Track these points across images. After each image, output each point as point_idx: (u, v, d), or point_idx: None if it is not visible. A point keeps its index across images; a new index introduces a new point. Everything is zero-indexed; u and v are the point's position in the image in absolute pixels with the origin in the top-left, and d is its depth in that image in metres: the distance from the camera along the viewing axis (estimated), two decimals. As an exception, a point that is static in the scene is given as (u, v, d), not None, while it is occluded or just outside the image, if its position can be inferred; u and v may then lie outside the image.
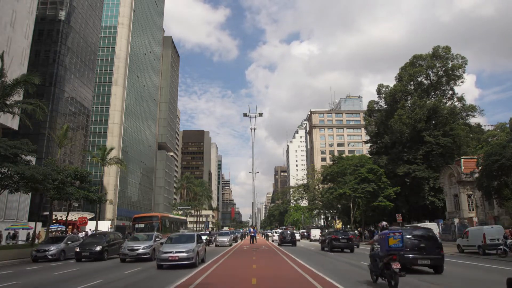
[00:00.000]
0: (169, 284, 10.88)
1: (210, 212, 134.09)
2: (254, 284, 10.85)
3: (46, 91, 59.46)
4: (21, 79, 26.63)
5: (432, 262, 13.18)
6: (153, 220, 32.42)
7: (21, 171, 21.10)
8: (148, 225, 31.36)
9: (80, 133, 70.67)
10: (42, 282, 12.44)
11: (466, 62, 51.15)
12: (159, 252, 15.79)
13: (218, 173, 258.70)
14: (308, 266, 15.43)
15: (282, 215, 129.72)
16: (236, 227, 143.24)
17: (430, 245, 13.30)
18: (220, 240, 36.05)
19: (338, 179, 55.58)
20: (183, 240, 16.74)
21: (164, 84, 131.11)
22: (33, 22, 53.61)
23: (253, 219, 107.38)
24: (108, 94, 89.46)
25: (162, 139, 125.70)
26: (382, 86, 58.69)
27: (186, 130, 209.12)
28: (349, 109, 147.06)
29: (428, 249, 13.20)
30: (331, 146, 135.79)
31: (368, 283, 10.91)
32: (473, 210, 41.49)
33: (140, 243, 19.84)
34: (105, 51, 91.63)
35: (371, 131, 61.90)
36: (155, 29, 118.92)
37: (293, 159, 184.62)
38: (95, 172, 70.00)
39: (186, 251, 15.37)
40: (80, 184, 32.42)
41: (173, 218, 43.94)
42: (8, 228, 38.61)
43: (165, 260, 15.24)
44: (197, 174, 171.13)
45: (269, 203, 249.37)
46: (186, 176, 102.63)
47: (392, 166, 51.64)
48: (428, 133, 50.01)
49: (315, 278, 11.69)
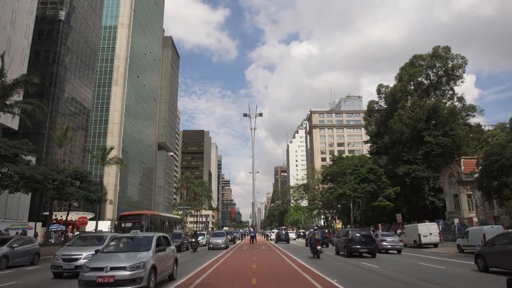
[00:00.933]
0: None
1: (210, 212, 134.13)
2: (254, 284, 10.84)
3: (46, 91, 59.46)
4: (21, 79, 26.65)
5: (369, 250, 21.13)
6: (141, 219, 28.94)
7: (21, 171, 21.11)
8: (136, 224, 28.03)
9: (80, 133, 70.66)
10: (42, 282, 12.45)
11: (466, 62, 51.19)
12: (83, 269, 9.23)
13: (218, 173, 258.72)
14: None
15: (282, 215, 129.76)
16: (236, 227, 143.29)
17: (368, 240, 21.38)
18: (214, 242, 31.06)
19: (338, 179, 55.69)
20: (131, 247, 10.65)
21: (164, 84, 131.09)
22: (33, 22, 53.61)
23: (253, 219, 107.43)
24: (108, 94, 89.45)
25: (162, 139, 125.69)
26: (382, 86, 58.73)
27: (186, 130, 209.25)
28: (349, 109, 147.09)
29: (366, 243, 21.15)
30: (331, 146, 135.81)
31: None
32: (473, 210, 41.49)
33: (82, 250, 13.89)
34: (105, 51, 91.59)
35: (371, 131, 61.93)
36: (155, 29, 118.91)
37: (293, 159, 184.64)
38: (95, 172, 69.99)
39: (131, 267, 9.07)
40: (80, 184, 32.40)
41: (166, 216, 39.65)
42: (8, 228, 38.58)
43: (90, 283, 8.85)
44: (197, 174, 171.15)
45: (269, 203, 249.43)
46: (186, 176, 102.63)
47: (392, 166, 51.65)
48: (428, 133, 50.02)
49: (315, 278, 11.69)
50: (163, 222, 34.17)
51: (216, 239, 32.04)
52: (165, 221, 35.23)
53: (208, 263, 17.19)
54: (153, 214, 32.46)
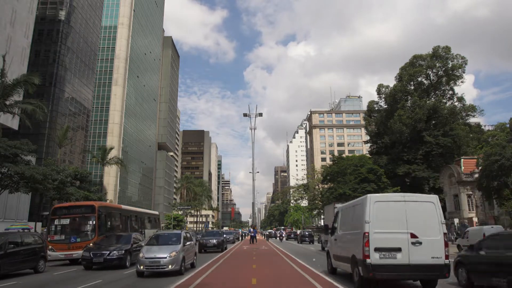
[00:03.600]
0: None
1: (210, 212, 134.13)
2: (254, 284, 10.84)
3: (46, 91, 59.42)
4: (21, 79, 26.69)
5: (308, 240, 41.39)
6: (84, 213, 19.84)
7: (21, 171, 21.14)
8: (77, 219, 19.82)
9: (80, 133, 70.66)
10: (42, 282, 12.44)
11: (466, 62, 51.23)
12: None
13: (218, 173, 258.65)
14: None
15: (282, 215, 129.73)
16: (236, 227, 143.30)
17: (309, 236, 42.44)
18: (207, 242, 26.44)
19: (338, 179, 55.60)
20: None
21: (164, 84, 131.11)
22: (33, 21, 53.61)
23: (253, 219, 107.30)
24: (108, 94, 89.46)
25: (162, 139, 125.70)
26: (382, 86, 58.71)
27: (186, 130, 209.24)
28: (349, 109, 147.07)
29: (307, 237, 41.79)
30: (331, 146, 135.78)
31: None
32: (473, 210, 41.50)
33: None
34: (105, 51, 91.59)
35: (371, 131, 61.93)
36: (155, 29, 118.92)
37: (293, 159, 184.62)
38: (95, 172, 69.98)
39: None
40: (80, 184, 32.46)
41: (129, 210, 27.45)
42: (8, 228, 38.58)
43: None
44: (197, 174, 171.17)
45: (269, 203, 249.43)
46: (186, 176, 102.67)
47: (392, 166, 51.64)
48: (428, 133, 50.00)
49: (315, 278, 11.69)
50: (125, 217, 24.79)
51: (209, 239, 27.01)
52: (130, 216, 25.81)
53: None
54: (104, 206, 22.39)
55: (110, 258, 15.24)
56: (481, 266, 9.42)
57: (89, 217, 19.50)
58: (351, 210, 11.34)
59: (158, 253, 12.90)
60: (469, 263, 10.00)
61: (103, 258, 15.15)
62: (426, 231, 9.32)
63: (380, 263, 9.11)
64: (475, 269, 9.65)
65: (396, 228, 9.30)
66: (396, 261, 9.13)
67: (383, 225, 9.36)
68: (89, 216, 19.52)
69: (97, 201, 26.76)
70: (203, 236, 30.94)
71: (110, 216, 21.98)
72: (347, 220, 11.68)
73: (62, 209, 20.20)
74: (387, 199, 10.08)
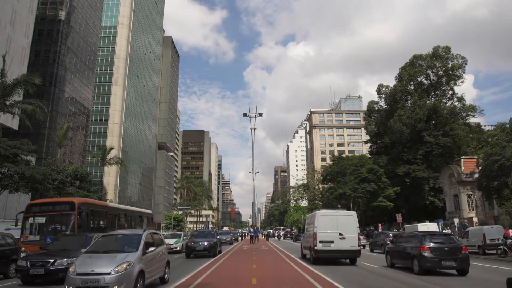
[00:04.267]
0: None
1: (210, 212, 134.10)
2: (254, 284, 10.84)
3: (46, 91, 59.40)
4: (21, 79, 26.69)
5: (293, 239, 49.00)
6: (62, 210, 17.38)
7: (21, 171, 21.14)
8: (55, 217, 17.42)
9: (80, 133, 70.65)
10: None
11: (466, 62, 51.24)
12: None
13: (218, 173, 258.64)
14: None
15: (282, 215, 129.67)
16: (236, 227, 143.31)
17: (297, 234, 49.04)
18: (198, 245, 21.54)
19: (338, 179, 55.63)
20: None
21: (164, 84, 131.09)
22: (33, 21, 53.59)
23: (253, 219, 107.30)
24: (108, 94, 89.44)
25: (162, 139, 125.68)
26: (382, 86, 58.71)
27: (186, 130, 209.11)
28: (349, 109, 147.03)
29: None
30: (331, 146, 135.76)
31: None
32: (473, 210, 41.50)
33: None
34: (105, 51, 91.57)
35: (371, 131, 61.95)
36: (155, 29, 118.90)
37: (293, 159, 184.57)
38: (95, 172, 70.00)
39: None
40: (80, 184, 32.46)
41: (115, 208, 25.18)
42: (8, 228, 38.57)
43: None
44: (197, 174, 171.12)
45: (269, 203, 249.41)
46: (186, 176, 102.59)
47: (392, 166, 51.65)
48: (428, 133, 50.01)
49: (316, 279, 11.70)
50: (112, 216, 22.29)
51: (199, 240, 22.24)
52: (117, 214, 23.31)
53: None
54: (86, 202, 19.48)
55: (54, 269, 10.93)
56: (394, 254, 15.67)
57: (68, 215, 17.08)
58: (309, 219, 19.11)
59: (97, 267, 8.35)
60: (391, 251, 16.16)
61: (43, 269, 10.93)
62: (348, 231, 16.20)
63: (322, 249, 16.16)
64: (392, 256, 15.86)
65: (331, 229, 16.23)
66: (330, 248, 16.13)
67: (324, 228, 16.26)
68: (68, 214, 17.12)
69: (78, 198, 23.70)
70: (191, 237, 25.47)
71: (94, 214, 19.47)
72: (309, 225, 18.59)
73: (37, 206, 17.88)
74: (327, 214, 17.26)
